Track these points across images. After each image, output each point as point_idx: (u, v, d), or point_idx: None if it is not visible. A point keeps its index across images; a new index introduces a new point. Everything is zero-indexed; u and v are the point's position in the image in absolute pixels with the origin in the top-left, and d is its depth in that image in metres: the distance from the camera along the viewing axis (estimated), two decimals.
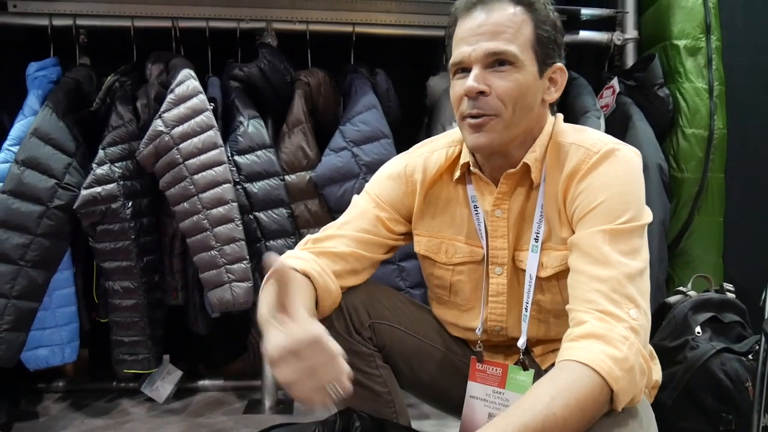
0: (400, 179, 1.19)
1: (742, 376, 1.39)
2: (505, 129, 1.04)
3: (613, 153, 1.03)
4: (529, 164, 1.08)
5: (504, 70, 1.01)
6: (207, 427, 2.02)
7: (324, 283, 1.07)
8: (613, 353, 0.87)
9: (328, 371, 0.82)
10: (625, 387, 0.86)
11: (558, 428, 0.81)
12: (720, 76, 2.15)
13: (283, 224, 1.95)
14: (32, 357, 1.94)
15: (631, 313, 0.91)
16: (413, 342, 1.21)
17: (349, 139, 1.96)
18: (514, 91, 1.01)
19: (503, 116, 1.02)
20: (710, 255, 2.19)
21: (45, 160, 1.84)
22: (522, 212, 1.12)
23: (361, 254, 1.15)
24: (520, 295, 1.13)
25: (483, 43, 1.01)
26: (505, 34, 1.01)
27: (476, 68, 1.02)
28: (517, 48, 1.01)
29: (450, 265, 1.18)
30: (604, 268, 0.94)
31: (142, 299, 1.94)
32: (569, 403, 0.82)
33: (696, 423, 1.39)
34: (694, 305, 1.47)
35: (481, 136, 1.04)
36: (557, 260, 1.07)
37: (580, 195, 1.02)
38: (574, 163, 1.04)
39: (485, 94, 1.01)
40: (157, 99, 1.96)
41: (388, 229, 1.18)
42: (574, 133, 1.09)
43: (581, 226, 1.01)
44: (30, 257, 1.81)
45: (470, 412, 1.16)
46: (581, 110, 2.10)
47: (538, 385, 0.87)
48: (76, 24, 2.07)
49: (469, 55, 1.02)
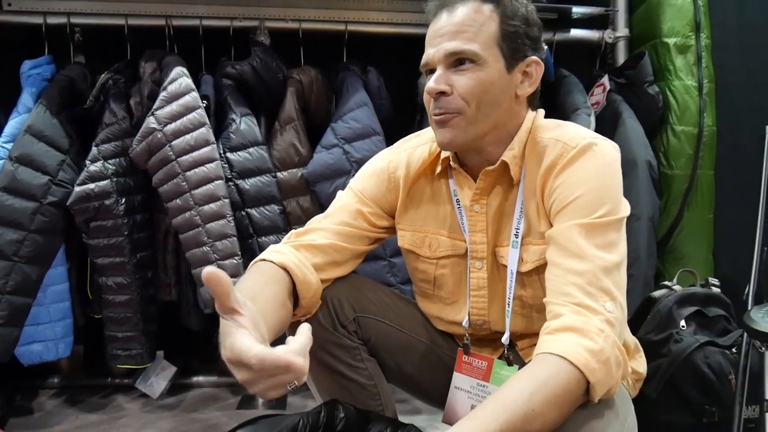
0: (383, 175, 1.21)
1: (725, 369, 1.40)
2: (468, 125, 1.05)
3: (590, 147, 1.03)
4: (508, 162, 1.09)
5: (465, 68, 1.03)
6: (201, 422, 2.03)
7: (303, 275, 1.07)
8: (590, 345, 0.88)
9: (282, 377, 0.76)
10: (601, 379, 0.87)
11: (537, 423, 0.83)
12: (709, 74, 2.16)
13: (274, 221, 1.96)
14: (26, 352, 1.95)
15: (606, 305, 0.92)
16: (398, 335, 1.23)
17: (341, 136, 1.98)
18: (476, 88, 1.03)
19: (466, 113, 1.04)
20: (700, 251, 2.21)
21: (39, 157, 1.85)
22: (501, 208, 1.13)
23: (341, 246, 1.15)
24: (501, 290, 1.14)
25: (444, 43, 1.03)
26: (466, 33, 1.02)
27: (439, 69, 1.04)
28: (479, 46, 1.02)
29: (434, 259, 1.20)
30: (580, 262, 0.95)
31: (135, 295, 1.95)
32: (548, 399, 0.83)
33: (680, 415, 1.40)
34: (678, 299, 1.48)
35: (446, 132, 1.05)
36: (536, 255, 1.08)
37: (557, 189, 1.03)
38: (551, 157, 1.05)
39: (446, 93, 1.03)
40: (150, 97, 1.97)
41: (370, 223, 1.19)
42: (553, 129, 1.10)
43: (558, 219, 1.01)
44: (24, 253, 1.83)
45: (454, 403, 1.18)
46: (572, 108, 2.12)
47: (518, 378, 0.87)
48: (71, 22, 2.08)
49: (432, 57, 1.04)
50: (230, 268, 1.88)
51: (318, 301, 1.13)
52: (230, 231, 1.89)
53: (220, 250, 1.87)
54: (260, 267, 1.06)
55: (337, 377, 1.17)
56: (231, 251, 1.88)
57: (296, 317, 1.10)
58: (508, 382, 0.87)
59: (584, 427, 0.86)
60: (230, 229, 1.89)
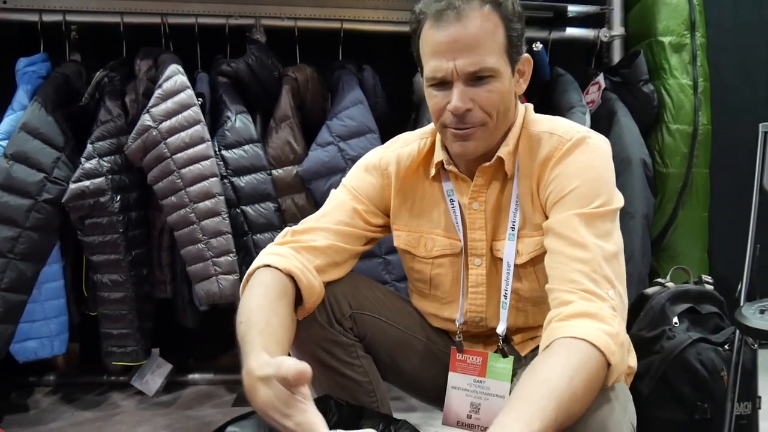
0: (376, 171, 1.21)
1: (718, 366, 1.41)
2: (489, 136, 1.07)
3: (584, 140, 1.05)
4: (503, 157, 1.10)
5: (485, 82, 1.02)
6: (196, 419, 2.04)
7: (308, 281, 1.07)
8: (608, 329, 0.89)
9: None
10: (619, 362, 0.89)
11: (578, 406, 0.83)
12: (704, 73, 2.17)
13: (269, 218, 1.96)
14: (21, 349, 1.96)
15: (609, 293, 0.94)
16: (394, 333, 1.23)
17: (336, 134, 1.98)
18: (497, 101, 1.03)
19: (488, 125, 1.05)
20: (695, 249, 2.21)
21: (34, 154, 1.86)
22: (498, 203, 1.13)
23: (340, 246, 1.15)
24: (498, 285, 1.15)
25: (462, 59, 1.00)
26: (483, 47, 1.00)
27: (458, 85, 1.02)
28: (496, 59, 1.02)
29: (429, 259, 1.20)
30: (583, 251, 0.96)
31: (130, 292, 1.95)
32: (585, 382, 0.84)
33: (672, 412, 1.41)
34: (671, 296, 1.48)
35: (468, 145, 1.06)
36: (532, 246, 1.10)
37: (554, 180, 1.05)
38: (547, 150, 1.07)
39: (470, 110, 1.03)
40: (145, 94, 1.97)
41: (366, 221, 1.20)
42: (545, 122, 1.12)
43: (556, 210, 1.03)
44: (19, 250, 1.83)
45: (452, 403, 1.18)
46: (567, 106, 2.13)
47: (551, 363, 0.86)
48: (66, 20, 2.09)
49: (451, 72, 1.01)
50: (225, 265, 1.88)
51: (319, 302, 1.13)
52: (225, 228, 1.89)
53: (215, 247, 1.87)
54: (266, 277, 1.05)
55: (333, 374, 1.17)
56: (226, 248, 1.89)
57: (297, 318, 1.10)
58: (540, 366, 0.86)
59: (590, 415, 0.86)
60: (225, 227, 1.89)
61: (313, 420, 0.79)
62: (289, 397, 0.80)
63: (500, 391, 1.14)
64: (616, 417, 0.90)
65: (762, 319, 1.25)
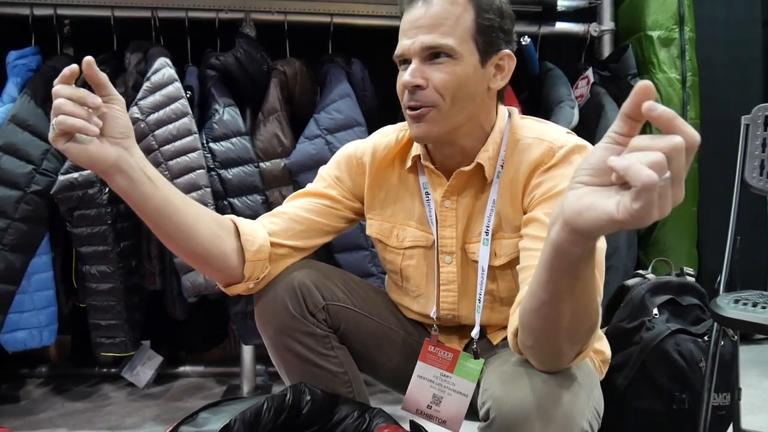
0: (350, 160, 1.22)
1: (697, 357, 1.41)
2: (443, 119, 1.05)
3: (583, 149, 1.04)
4: (483, 164, 1.09)
5: (441, 62, 1.02)
6: (185, 411, 2.04)
7: (249, 227, 1.10)
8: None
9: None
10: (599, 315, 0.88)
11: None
12: (693, 67, 2.17)
13: (257, 210, 1.97)
14: (11, 339, 1.97)
15: None
16: (368, 323, 1.23)
17: (323, 127, 1.99)
18: (451, 82, 1.03)
19: (441, 107, 1.04)
20: (684, 244, 2.22)
21: (23, 146, 1.87)
22: (472, 206, 1.13)
23: (301, 216, 1.17)
24: (472, 285, 1.15)
25: (420, 36, 1.02)
26: (443, 26, 1.02)
27: (414, 62, 1.03)
28: (455, 40, 1.02)
29: (400, 249, 1.20)
30: None
31: (118, 284, 1.96)
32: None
33: (651, 402, 1.41)
34: (651, 288, 1.48)
35: (421, 126, 1.05)
36: (510, 248, 1.09)
37: (543, 183, 1.04)
38: (536, 156, 1.06)
39: (422, 87, 1.03)
40: (135, 87, 1.99)
41: (336, 200, 1.21)
42: (534, 128, 1.10)
43: (541, 207, 1.02)
44: (8, 241, 1.84)
45: (414, 390, 1.18)
46: (556, 100, 2.13)
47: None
48: (57, 13, 2.10)
49: (408, 49, 1.03)
50: None
51: (266, 266, 1.12)
52: None
53: None
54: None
55: (308, 366, 1.17)
56: None
57: (246, 283, 1.11)
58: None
59: (552, 399, 0.86)
60: None
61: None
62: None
63: (464, 390, 1.13)
64: (580, 404, 0.89)
65: (736, 309, 1.25)
